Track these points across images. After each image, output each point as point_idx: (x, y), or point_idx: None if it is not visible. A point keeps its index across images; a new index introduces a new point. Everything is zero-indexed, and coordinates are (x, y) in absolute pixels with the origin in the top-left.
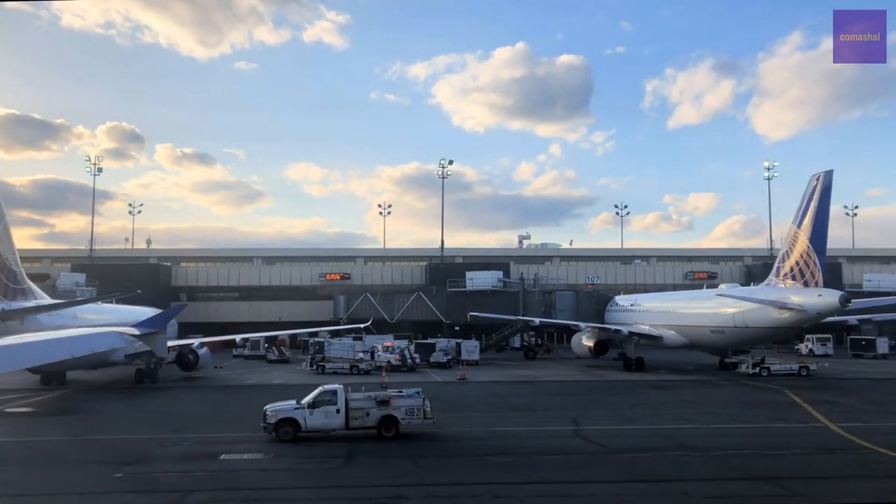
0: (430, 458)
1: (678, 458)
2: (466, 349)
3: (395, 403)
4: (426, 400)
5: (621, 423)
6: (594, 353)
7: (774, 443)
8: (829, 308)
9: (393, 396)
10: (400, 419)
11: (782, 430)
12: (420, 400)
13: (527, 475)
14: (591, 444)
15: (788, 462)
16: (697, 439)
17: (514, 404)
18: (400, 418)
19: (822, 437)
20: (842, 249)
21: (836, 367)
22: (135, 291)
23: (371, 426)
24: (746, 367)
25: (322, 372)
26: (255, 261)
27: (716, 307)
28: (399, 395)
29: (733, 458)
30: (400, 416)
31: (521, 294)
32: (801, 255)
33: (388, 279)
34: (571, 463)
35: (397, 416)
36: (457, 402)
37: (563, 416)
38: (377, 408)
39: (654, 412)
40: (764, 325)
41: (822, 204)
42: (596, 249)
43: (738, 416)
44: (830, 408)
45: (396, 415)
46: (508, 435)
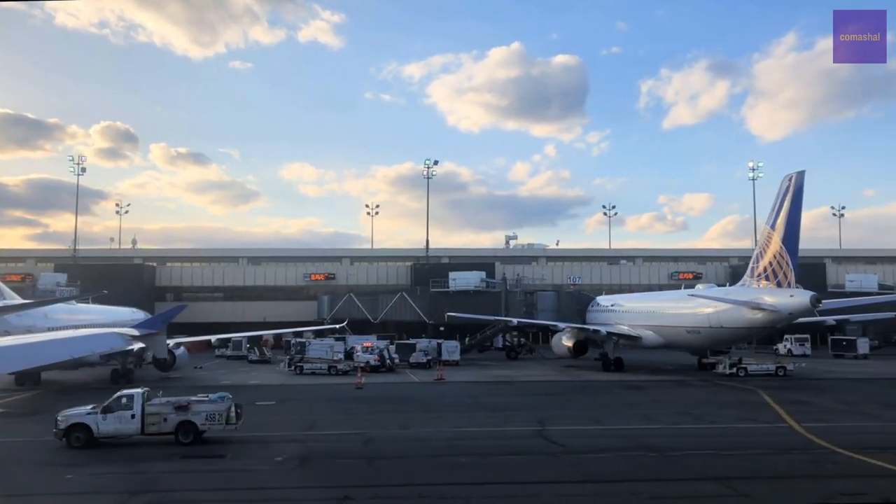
0: (387, 458)
1: (634, 458)
2: (447, 349)
3: (194, 409)
4: (234, 405)
5: (587, 424)
6: (573, 354)
7: (735, 443)
8: (801, 308)
9: (193, 402)
10: (199, 424)
11: (746, 430)
12: (225, 405)
13: (478, 476)
14: (552, 444)
15: (743, 462)
16: (659, 439)
17: (486, 404)
18: (199, 424)
19: (783, 438)
20: (827, 250)
21: (815, 367)
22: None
23: (168, 432)
24: (724, 367)
25: (300, 372)
26: (241, 261)
27: (692, 308)
28: (201, 401)
29: (689, 458)
30: (199, 422)
31: (503, 294)
32: (774, 256)
33: (374, 279)
34: (526, 463)
35: (196, 422)
36: (429, 402)
37: (531, 416)
38: (175, 413)
39: (623, 412)
40: (738, 325)
41: (795, 205)
42: (582, 250)
43: (706, 416)
44: (800, 408)
45: (195, 420)
46: (471, 435)
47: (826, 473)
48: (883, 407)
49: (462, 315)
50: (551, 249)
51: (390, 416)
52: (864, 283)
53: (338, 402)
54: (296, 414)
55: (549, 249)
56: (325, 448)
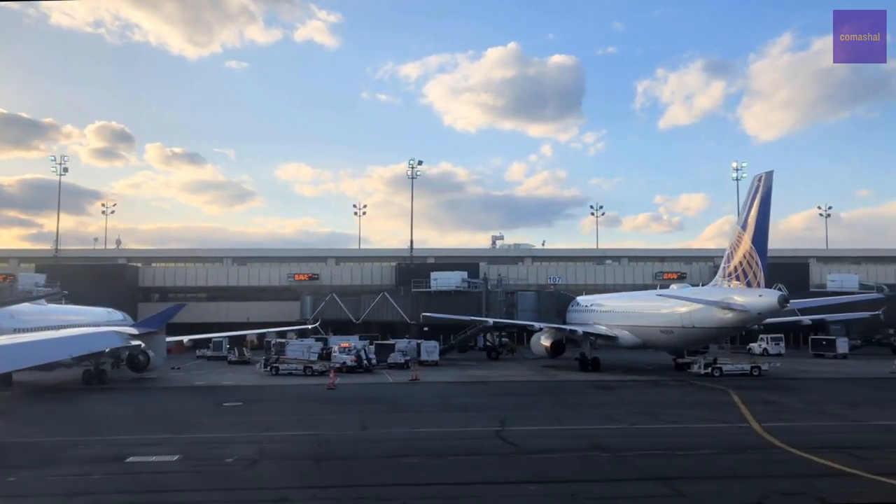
0: (338, 459)
1: (585, 458)
2: (426, 350)
3: None
4: None
5: (548, 424)
6: (551, 354)
7: (690, 443)
8: (769, 308)
9: None
10: None
11: (705, 430)
12: None
13: (423, 476)
14: (507, 444)
15: (691, 462)
16: (615, 439)
17: (454, 405)
18: None
19: (740, 438)
20: (813, 250)
21: (792, 366)
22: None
23: None
24: (698, 367)
25: (276, 373)
26: (226, 261)
27: (666, 308)
28: None
29: (640, 458)
30: None
31: (484, 294)
32: (744, 256)
33: (358, 280)
34: (476, 464)
35: None
36: (398, 403)
37: (495, 416)
38: None
39: (587, 413)
40: (709, 325)
41: (764, 205)
42: (568, 250)
43: (669, 416)
44: (766, 407)
45: None
46: (429, 436)
47: (770, 473)
48: (849, 406)
49: (437, 315)
50: (537, 250)
51: (354, 418)
52: (845, 283)
53: (306, 403)
54: (259, 415)
55: (535, 250)
56: (279, 449)
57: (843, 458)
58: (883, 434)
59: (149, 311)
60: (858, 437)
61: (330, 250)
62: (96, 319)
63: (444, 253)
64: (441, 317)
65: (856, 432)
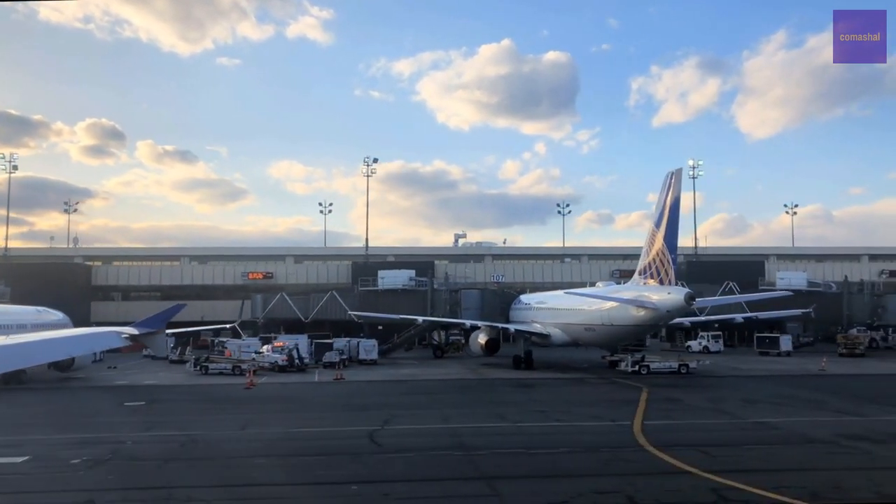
0: (187, 460)
1: (437, 457)
2: (364, 349)
3: None
4: None
5: (431, 423)
6: (486, 352)
7: (556, 441)
8: (677, 306)
9: None
10: None
11: (583, 428)
12: None
13: (258, 477)
14: (373, 444)
15: (536, 462)
16: (485, 438)
17: (354, 404)
18: None
19: (609, 436)
20: (776, 248)
21: (728, 364)
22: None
23: None
24: (626, 365)
25: (205, 373)
26: (183, 260)
27: (589, 306)
28: None
29: (492, 457)
30: None
31: (429, 293)
32: (657, 254)
33: (314, 278)
34: (321, 463)
35: None
36: (302, 402)
37: (385, 415)
38: None
39: (480, 411)
40: (626, 323)
41: (675, 202)
42: (528, 248)
43: (560, 414)
44: (664, 406)
45: None
46: (301, 436)
47: (604, 472)
48: (746, 404)
49: (365, 314)
50: (498, 248)
51: (244, 417)
52: (793, 281)
53: (210, 403)
54: (152, 415)
55: (496, 248)
56: (137, 450)
57: (691, 456)
58: (755, 432)
59: (101, 310)
60: (728, 434)
61: (289, 249)
62: (22, 319)
63: (403, 252)
64: (370, 315)
65: (731, 430)
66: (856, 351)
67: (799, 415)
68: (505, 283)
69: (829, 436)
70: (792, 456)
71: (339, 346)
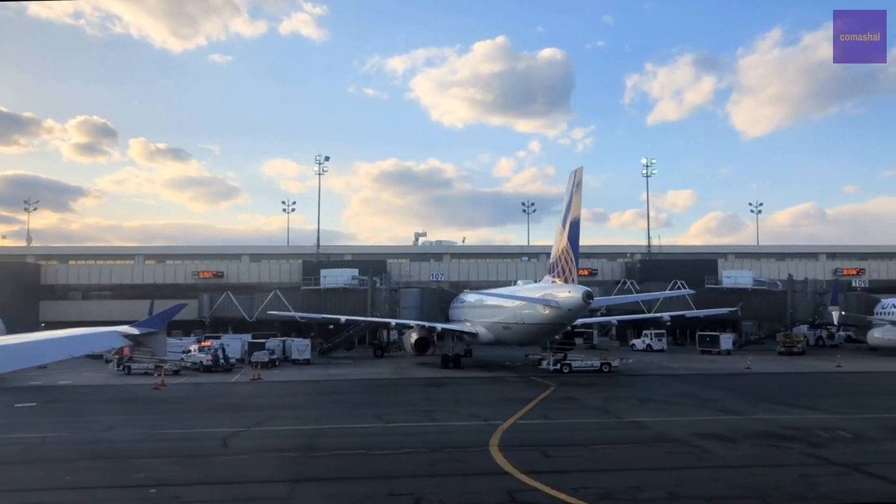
0: (9, 463)
1: (271, 459)
2: (297, 348)
3: None
4: None
5: (303, 424)
6: (416, 351)
7: (408, 442)
8: (576, 304)
9: None
10: None
11: (450, 427)
12: None
13: (67, 480)
14: (222, 446)
15: (364, 463)
16: (340, 439)
17: (246, 405)
18: None
19: (467, 436)
20: (736, 246)
21: (663, 362)
22: None
23: None
24: (547, 363)
25: (128, 373)
26: (138, 258)
27: (507, 304)
28: None
29: (326, 458)
30: None
31: (369, 292)
32: (562, 253)
33: (266, 277)
34: (154, 466)
35: None
36: (196, 403)
37: (264, 416)
38: None
39: (360, 412)
40: (536, 321)
41: (577, 201)
42: (487, 246)
43: (442, 413)
44: (555, 405)
45: None
46: (162, 437)
47: (420, 473)
48: (638, 403)
49: (281, 314)
50: (457, 247)
51: (123, 418)
52: (738, 280)
53: (106, 403)
54: (30, 416)
55: (455, 247)
56: None
57: (527, 456)
58: (620, 431)
59: (51, 310)
60: (590, 434)
61: (244, 247)
62: None
63: (361, 250)
64: (288, 315)
65: (597, 430)
66: (794, 349)
67: (679, 414)
68: (452, 281)
69: (685, 435)
70: (628, 456)
71: (270, 346)
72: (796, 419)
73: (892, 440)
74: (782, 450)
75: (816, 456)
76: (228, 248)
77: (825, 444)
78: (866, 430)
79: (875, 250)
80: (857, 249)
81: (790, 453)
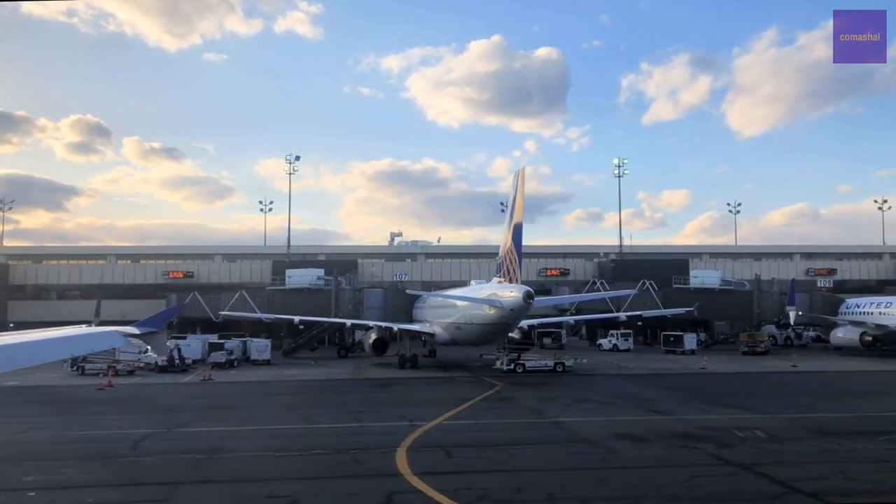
0: None
1: (171, 462)
2: (256, 349)
3: None
4: None
5: (226, 426)
6: (374, 352)
7: (322, 443)
8: (517, 304)
9: None
10: None
11: (372, 429)
12: None
13: None
14: (130, 448)
15: (265, 465)
16: (252, 441)
17: (184, 406)
18: None
19: (381, 437)
20: (711, 246)
21: (620, 362)
22: None
23: None
24: (501, 363)
25: (82, 373)
26: (110, 258)
27: (461, 304)
28: None
29: (228, 461)
30: None
31: (333, 292)
32: (507, 252)
33: (237, 277)
34: (48, 469)
35: None
36: (131, 404)
37: (191, 417)
38: None
39: (293, 414)
40: (484, 321)
41: (520, 202)
42: (460, 246)
43: (373, 415)
44: (491, 405)
45: None
46: (70, 439)
47: (314, 475)
48: (573, 403)
49: (234, 314)
50: (432, 247)
51: (45, 420)
52: (705, 280)
53: (41, 405)
54: None
55: (430, 247)
56: None
57: (429, 457)
58: (537, 432)
59: (18, 309)
60: (504, 435)
61: (216, 247)
62: None
63: (334, 250)
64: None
65: (516, 430)
66: (757, 349)
67: (607, 414)
68: (425, 281)
69: (600, 436)
70: (531, 457)
71: (229, 347)
72: (722, 419)
73: (803, 440)
74: (688, 450)
75: (718, 457)
76: (201, 248)
77: (734, 445)
78: (783, 431)
79: (850, 250)
80: (832, 249)
81: (694, 454)
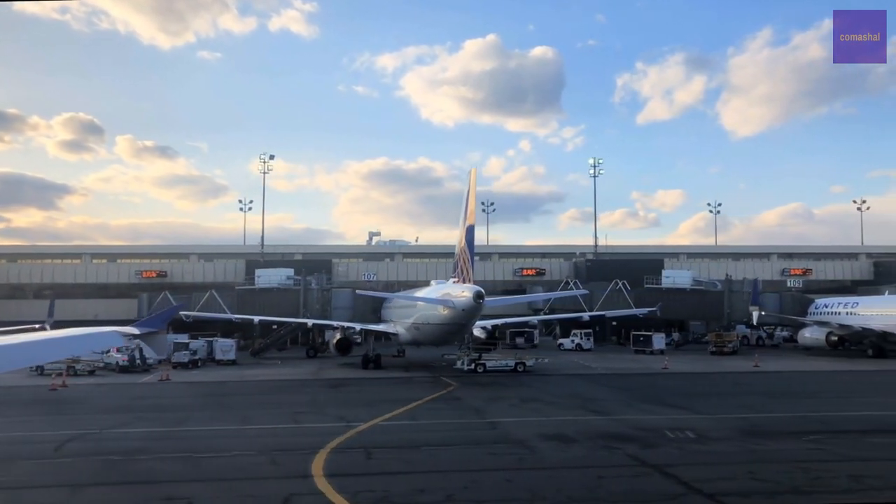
0: None
1: (91, 462)
2: (221, 348)
3: None
4: None
5: (163, 426)
6: (338, 352)
7: (246, 444)
8: (468, 305)
9: None
10: None
11: (298, 430)
12: None
13: None
14: (55, 450)
15: (180, 467)
16: (177, 442)
17: (129, 406)
18: None
19: (305, 439)
20: (689, 247)
21: (583, 361)
22: None
23: None
24: (461, 363)
25: (41, 373)
26: (85, 258)
27: (419, 304)
28: None
29: (145, 461)
30: None
31: (302, 292)
32: (461, 252)
33: (211, 277)
34: None
35: None
36: (78, 405)
37: (131, 418)
38: None
39: (233, 414)
40: (439, 321)
41: (472, 202)
42: (438, 246)
43: (313, 416)
44: (437, 405)
45: None
46: (16, 441)
47: (222, 477)
48: (519, 403)
49: (201, 314)
50: (410, 246)
51: None
52: (677, 280)
53: None
54: None
55: (408, 246)
56: None
57: (348, 459)
58: (468, 432)
59: None
60: (431, 435)
61: (191, 246)
62: None
63: (312, 250)
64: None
65: (446, 430)
66: (724, 349)
67: (547, 414)
68: (401, 281)
69: (529, 436)
70: (450, 458)
71: (194, 347)
72: (659, 420)
73: (729, 440)
74: (610, 451)
75: (636, 457)
76: (176, 248)
77: (659, 445)
78: (714, 431)
79: (828, 251)
80: (811, 250)
81: (614, 455)
